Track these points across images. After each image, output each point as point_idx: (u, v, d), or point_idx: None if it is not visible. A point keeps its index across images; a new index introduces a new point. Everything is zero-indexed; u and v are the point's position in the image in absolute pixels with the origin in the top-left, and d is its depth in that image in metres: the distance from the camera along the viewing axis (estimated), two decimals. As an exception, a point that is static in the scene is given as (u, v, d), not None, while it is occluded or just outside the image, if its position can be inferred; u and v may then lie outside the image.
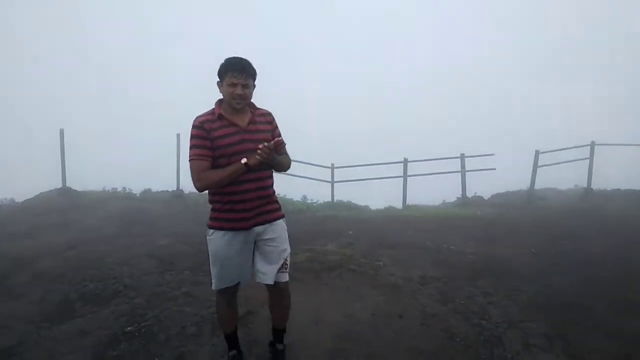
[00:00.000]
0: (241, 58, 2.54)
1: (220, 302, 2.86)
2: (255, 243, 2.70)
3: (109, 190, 12.39)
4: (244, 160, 2.42)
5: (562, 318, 3.94)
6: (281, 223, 2.76)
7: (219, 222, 2.62)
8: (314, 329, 3.65)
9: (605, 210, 9.96)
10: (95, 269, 5.30)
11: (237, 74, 2.48)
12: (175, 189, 11.96)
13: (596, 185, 12.71)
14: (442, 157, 13.14)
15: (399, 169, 13.01)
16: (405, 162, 12.90)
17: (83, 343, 3.48)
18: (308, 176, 12.86)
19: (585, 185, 12.78)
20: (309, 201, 13.05)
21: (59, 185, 11.11)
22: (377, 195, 12.99)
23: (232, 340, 2.96)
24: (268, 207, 2.69)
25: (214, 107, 2.60)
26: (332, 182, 13.29)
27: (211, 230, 2.65)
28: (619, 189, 12.61)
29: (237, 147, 2.50)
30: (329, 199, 13.28)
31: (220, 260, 2.66)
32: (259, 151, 2.39)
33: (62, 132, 11.06)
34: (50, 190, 11.11)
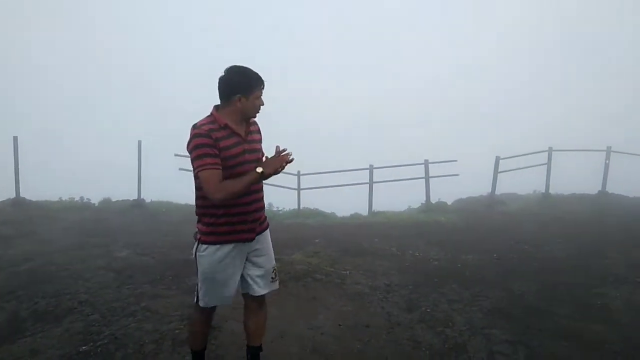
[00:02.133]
0: (252, 69, 2.50)
1: (199, 319, 2.72)
2: (247, 258, 2.61)
3: (65, 200, 11.90)
4: (259, 170, 2.34)
5: (524, 324, 4.00)
6: (268, 232, 2.73)
7: (215, 236, 2.48)
8: (280, 341, 3.57)
9: (564, 215, 10.29)
10: (49, 284, 5.04)
11: (263, 87, 2.49)
12: (136, 197, 11.62)
13: (553, 190, 13.14)
14: (407, 163, 13.29)
15: (365, 176, 13.08)
16: (370, 168, 12.99)
17: (33, 365, 3.28)
18: (274, 183, 12.75)
19: (543, 190, 13.19)
20: (275, 209, 12.92)
21: (12, 195, 10.59)
22: (344, 202, 13.01)
23: (200, 358, 2.81)
24: (263, 218, 2.66)
25: (210, 114, 2.47)
26: (299, 189, 13.23)
27: (204, 246, 2.49)
28: (574, 194, 13.09)
29: (240, 158, 2.43)
30: (296, 207, 13.20)
31: (213, 277, 2.51)
32: (284, 164, 2.38)
33: (15, 140, 10.59)
34: (3, 201, 10.59)
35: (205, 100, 2.54)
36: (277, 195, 12.81)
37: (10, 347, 3.57)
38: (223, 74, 2.44)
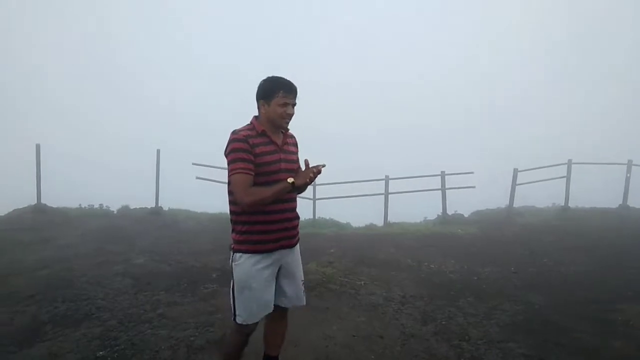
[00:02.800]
0: (288, 79, 2.51)
1: (238, 341, 2.60)
2: (280, 268, 2.58)
3: (85, 207, 12.13)
4: (290, 180, 2.34)
5: (541, 338, 3.94)
6: (298, 246, 2.73)
7: (249, 244, 2.46)
8: (294, 351, 3.57)
9: (583, 229, 10.10)
10: (68, 289, 5.13)
11: (288, 94, 2.46)
12: (153, 205, 11.77)
13: (573, 203, 12.92)
14: (423, 174, 13.22)
15: (380, 186, 13.05)
16: (386, 179, 12.95)
17: (51, 368, 3.33)
18: (289, 193, 12.79)
19: (562, 203, 12.98)
20: (291, 218, 12.94)
21: (34, 201, 10.82)
22: (359, 213, 12.98)
23: None
24: (297, 229, 2.66)
25: (250, 123, 2.53)
26: (314, 199, 13.24)
27: (239, 254, 2.47)
28: (594, 207, 12.85)
29: (275, 166, 2.45)
30: (311, 216, 13.21)
31: (249, 286, 2.45)
32: (311, 174, 2.34)
33: (38, 147, 10.83)
34: (24, 207, 10.81)
35: (225, 112, 2.57)
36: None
37: (29, 350, 3.64)
38: None
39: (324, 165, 2.42)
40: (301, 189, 2.45)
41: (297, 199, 2.70)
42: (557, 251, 7.73)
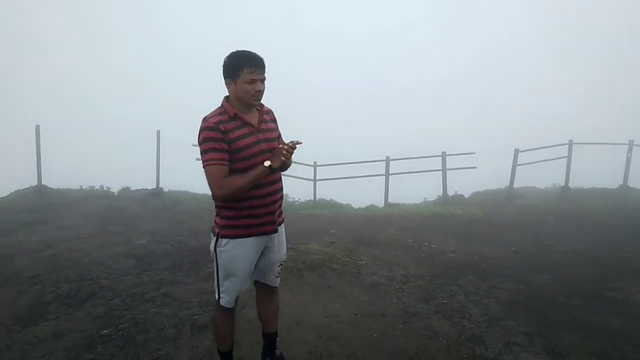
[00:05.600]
0: (253, 52, 2.32)
1: (225, 318, 2.60)
2: (263, 249, 2.54)
3: (86, 188, 12.14)
4: (267, 163, 2.27)
5: (542, 316, 3.97)
6: (283, 225, 2.67)
7: (236, 229, 2.38)
8: (296, 328, 3.60)
9: (583, 209, 10.13)
10: (71, 270, 5.16)
11: (255, 68, 2.27)
12: (154, 187, 11.78)
13: (573, 183, 12.92)
14: (424, 155, 13.19)
15: (381, 167, 13.03)
16: (387, 160, 12.92)
17: (57, 346, 3.36)
18: (290, 174, 12.80)
19: (562, 183, 12.99)
20: (291, 200, 12.98)
21: (35, 183, 10.83)
22: (359, 194, 12.99)
23: (230, 359, 2.72)
24: (281, 210, 2.59)
25: (221, 105, 2.38)
26: (315, 180, 13.25)
27: (225, 240, 2.40)
28: (594, 188, 12.86)
29: (254, 149, 2.33)
30: (312, 198, 13.23)
31: (236, 272, 2.43)
32: (284, 152, 2.26)
33: (37, 129, 10.79)
34: (26, 189, 10.83)
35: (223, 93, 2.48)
36: (293, 186, 12.86)
37: (34, 329, 3.67)
38: None
39: (299, 142, 2.33)
40: (282, 168, 2.39)
41: (297, 180, 2.64)
42: (557, 231, 7.76)
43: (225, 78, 2.33)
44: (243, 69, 2.26)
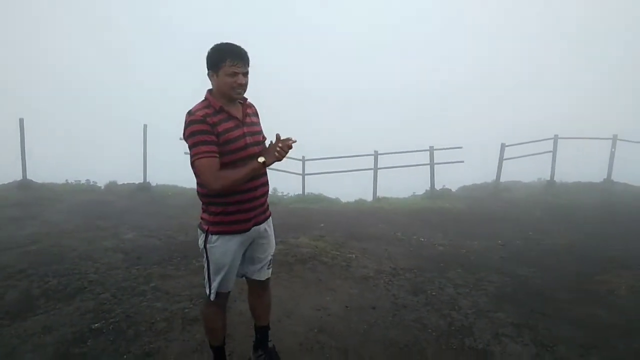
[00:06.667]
0: (236, 44, 2.30)
1: (216, 312, 2.59)
2: (250, 243, 2.54)
3: (71, 182, 11.97)
4: (261, 159, 2.26)
5: (529, 308, 4.05)
6: (271, 219, 2.66)
7: (224, 225, 2.37)
8: (287, 321, 3.62)
9: (568, 203, 10.29)
10: (58, 264, 5.10)
11: (237, 61, 2.25)
12: (141, 181, 11.67)
13: (558, 178, 13.11)
14: (412, 149, 13.24)
15: (369, 162, 13.07)
16: (375, 154, 12.96)
17: (47, 340, 3.33)
18: (279, 168, 12.77)
19: (548, 178, 13.16)
20: (280, 194, 12.98)
21: (19, 177, 10.66)
22: (348, 188, 13.02)
23: (222, 354, 2.72)
24: (267, 204, 2.59)
25: (205, 99, 2.34)
26: (303, 175, 13.25)
27: (215, 237, 2.38)
28: (579, 182, 13.06)
29: (241, 142, 2.31)
30: (300, 192, 13.24)
31: (227, 266, 2.42)
32: (278, 149, 2.26)
33: (21, 122, 10.60)
34: (10, 183, 10.65)
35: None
36: (281, 180, 12.85)
37: (23, 323, 3.63)
38: None
39: (294, 141, 2.32)
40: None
41: (285, 174, 2.64)
42: (543, 224, 7.89)
43: (208, 69, 2.31)
44: (225, 61, 2.24)
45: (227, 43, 2.29)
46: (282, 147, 2.28)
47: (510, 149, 12.81)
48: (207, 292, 2.51)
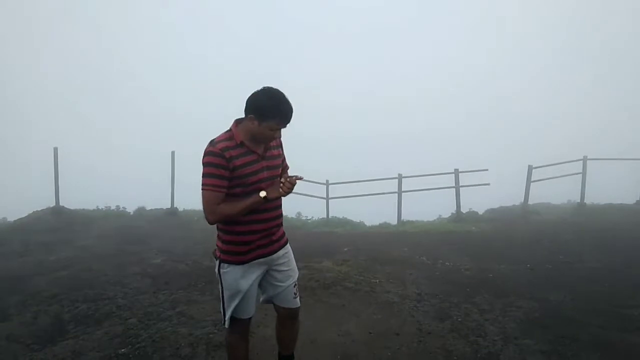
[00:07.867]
0: (290, 103, 2.30)
1: (237, 339, 2.58)
2: (267, 270, 2.55)
3: (102, 208, 12.33)
4: (263, 194, 2.29)
5: (559, 334, 3.93)
6: (289, 246, 2.66)
7: (234, 255, 2.42)
8: (310, 347, 3.61)
9: (599, 225, 9.99)
10: (88, 289, 5.24)
11: (285, 124, 2.33)
12: (169, 206, 11.91)
13: (589, 199, 12.77)
14: (437, 172, 13.16)
15: (393, 185, 13.03)
16: (399, 177, 12.93)
17: (75, 365, 3.42)
18: (302, 192, 12.86)
19: (578, 199, 12.84)
20: (304, 218, 13.03)
21: (52, 204, 11.03)
22: (372, 211, 12.98)
23: None
24: (281, 232, 2.58)
25: (229, 130, 2.37)
26: (327, 199, 13.29)
27: (226, 264, 2.44)
28: (611, 204, 12.70)
29: (255, 177, 2.34)
30: (324, 216, 13.26)
31: (241, 294, 2.44)
32: (282, 186, 2.30)
33: (55, 151, 11.02)
34: (43, 209, 11.01)
35: (232, 112, 2.48)
36: (305, 204, 12.92)
37: (53, 348, 3.74)
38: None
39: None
40: (278, 199, 2.40)
41: (309, 198, 2.65)
42: (574, 248, 7.66)
43: (251, 112, 2.28)
44: (275, 118, 2.27)
45: (283, 100, 2.28)
46: (285, 183, 2.30)
47: (538, 171, 12.59)
48: (223, 321, 2.53)
